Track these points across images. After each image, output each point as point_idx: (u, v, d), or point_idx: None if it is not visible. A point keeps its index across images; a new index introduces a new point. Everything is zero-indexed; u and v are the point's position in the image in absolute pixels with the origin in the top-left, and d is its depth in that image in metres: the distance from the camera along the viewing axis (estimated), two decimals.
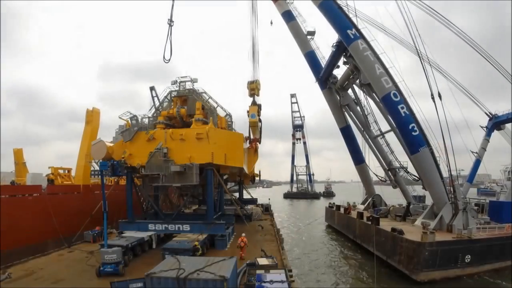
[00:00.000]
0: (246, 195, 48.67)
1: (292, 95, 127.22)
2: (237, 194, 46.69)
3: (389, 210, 39.55)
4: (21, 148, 35.93)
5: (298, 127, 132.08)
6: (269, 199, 53.45)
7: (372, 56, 32.59)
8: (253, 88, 29.94)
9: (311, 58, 47.27)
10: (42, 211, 26.00)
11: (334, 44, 40.59)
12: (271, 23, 56.43)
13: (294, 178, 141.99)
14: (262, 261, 17.27)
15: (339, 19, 34.81)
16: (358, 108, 44.26)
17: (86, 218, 26.20)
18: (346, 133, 48.13)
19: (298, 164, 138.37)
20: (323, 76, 45.89)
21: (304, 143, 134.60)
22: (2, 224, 21.89)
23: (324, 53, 47.18)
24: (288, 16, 46.56)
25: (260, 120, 32.16)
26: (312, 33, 47.40)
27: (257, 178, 50.73)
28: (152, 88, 37.17)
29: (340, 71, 44.20)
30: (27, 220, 24.62)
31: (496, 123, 52.14)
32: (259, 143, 38.29)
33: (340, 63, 42.57)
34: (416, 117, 31.52)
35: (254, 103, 29.92)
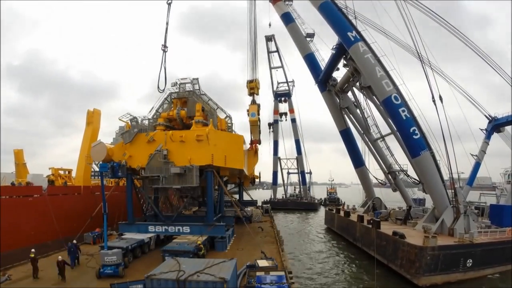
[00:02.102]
0: (246, 197, 48.62)
1: (269, 39, 73.31)
2: (237, 196, 46.69)
3: (389, 213, 39.41)
4: (22, 149, 35.91)
5: (282, 96, 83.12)
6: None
7: (373, 59, 32.56)
8: (253, 87, 30.15)
9: (311, 60, 47.30)
10: (42, 213, 25.95)
11: (334, 47, 40.64)
12: (270, 25, 56.71)
13: (280, 178, 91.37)
14: (262, 263, 17.29)
15: (339, 21, 34.83)
16: (358, 110, 44.22)
17: (86, 219, 26.13)
18: (346, 136, 47.99)
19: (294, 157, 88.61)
20: (323, 79, 45.88)
21: (293, 120, 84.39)
22: (2, 225, 21.84)
23: (323, 55, 47.23)
24: (287, 18, 46.69)
25: (259, 120, 32.27)
26: (311, 35, 47.54)
27: (257, 180, 50.72)
28: None
29: (340, 74, 44.34)
30: (27, 221, 24.57)
31: (495, 125, 52.13)
32: (259, 144, 38.32)
33: (340, 65, 42.53)
34: (417, 120, 31.49)
35: (253, 102, 30.11)
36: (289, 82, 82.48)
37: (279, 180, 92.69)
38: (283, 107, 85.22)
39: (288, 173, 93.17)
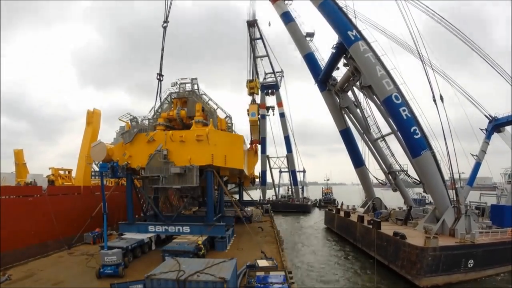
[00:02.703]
0: (246, 197, 48.57)
1: (251, 24, 58.88)
2: (237, 196, 46.63)
3: (389, 213, 39.34)
4: (22, 149, 35.81)
5: (269, 88, 75.97)
6: (269, 201, 53.44)
7: (373, 58, 32.48)
8: (253, 86, 30.20)
9: (310, 59, 47.14)
10: (42, 212, 25.91)
11: (334, 46, 40.50)
12: (269, 24, 56.68)
13: (269, 177, 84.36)
14: (262, 263, 17.27)
15: (340, 20, 34.75)
16: (358, 110, 44.13)
17: (86, 219, 26.12)
18: (346, 135, 47.90)
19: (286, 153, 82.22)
20: (323, 78, 45.76)
21: (282, 114, 79.91)
22: (2, 226, 21.81)
23: (323, 54, 47.06)
24: (287, 17, 46.55)
25: (259, 119, 32.31)
26: (311, 35, 47.40)
27: (257, 180, 50.70)
28: None
29: (339, 73, 44.23)
30: (27, 221, 24.52)
31: (496, 125, 52.02)
32: (259, 143, 38.30)
33: (340, 64, 42.42)
34: (418, 120, 31.40)
35: (253, 101, 30.16)
36: (276, 72, 75.88)
37: (269, 180, 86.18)
38: (271, 100, 78.62)
39: (280, 172, 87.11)
